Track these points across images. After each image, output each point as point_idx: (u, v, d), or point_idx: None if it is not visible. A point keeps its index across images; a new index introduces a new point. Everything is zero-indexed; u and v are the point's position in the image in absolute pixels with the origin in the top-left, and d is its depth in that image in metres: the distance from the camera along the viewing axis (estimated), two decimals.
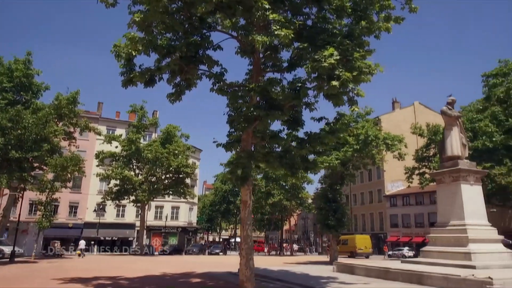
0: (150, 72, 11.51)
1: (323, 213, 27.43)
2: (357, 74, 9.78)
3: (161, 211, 55.44)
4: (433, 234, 15.90)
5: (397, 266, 14.45)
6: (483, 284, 10.44)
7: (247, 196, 11.68)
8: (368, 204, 65.34)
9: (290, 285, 12.73)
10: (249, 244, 11.37)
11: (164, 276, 16.75)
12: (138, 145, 39.03)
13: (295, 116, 13.61)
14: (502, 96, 21.67)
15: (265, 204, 47.37)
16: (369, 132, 24.81)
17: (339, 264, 17.26)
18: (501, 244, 15.06)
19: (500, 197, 37.44)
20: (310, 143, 13.16)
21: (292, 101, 11.12)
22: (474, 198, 15.14)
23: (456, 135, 15.86)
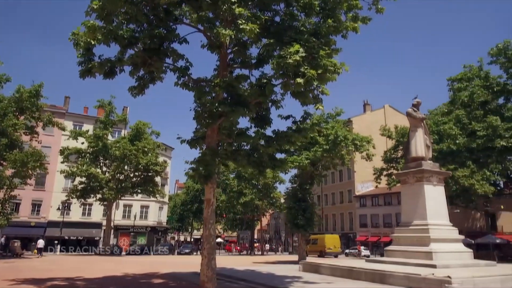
0: (110, 63, 11.01)
1: (293, 212, 27.45)
2: (322, 72, 9.69)
3: (129, 210, 54.11)
4: (397, 234, 16.13)
5: (361, 265, 14.54)
6: (442, 283, 10.60)
7: (211, 194, 11.38)
8: (339, 204, 66.33)
9: (254, 285, 12.53)
10: (211, 243, 11.08)
11: (126, 276, 16.17)
12: (106, 141, 37.80)
13: (263, 114, 13.48)
14: (466, 100, 22.35)
15: (237, 204, 47.09)
16: (339, 133, 25.03)
17: (305, 264, 17.24)
18: (461, 244, 15.47)
19: (463, 199, 38.84)
20: (278, 142, 13.05)
21: (258, 98, 10.92)
22: (437, 199, 15.46)
23: (420, 136, 16.15)
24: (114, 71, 11.34)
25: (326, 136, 25.73)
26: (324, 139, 25.79)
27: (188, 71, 11.97)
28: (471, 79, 22.05)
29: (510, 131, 19.07)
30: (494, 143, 19.14)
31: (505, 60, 21.37)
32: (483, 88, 21.89)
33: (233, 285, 13.03)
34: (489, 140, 19.44)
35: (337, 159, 27.95)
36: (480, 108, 21.51)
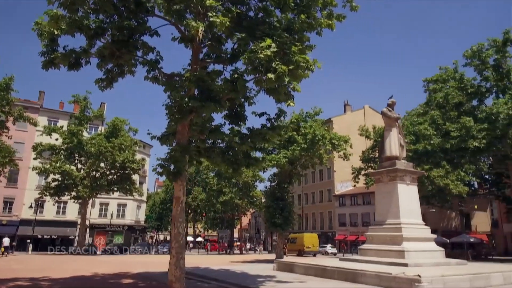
0: (75, 54, 10.54)
1: (270, 211, 27.34)
2: (294, 68, 9.50)
3: (106, 209, 52.99)
4: (370, 233, 16.17)
5: (334, 264, 14.48)
6: (412, 282, 10.59)
7: (180, 192, 11.06)
8: (319, 203, 66.76)
9: (225, 285, 12.30)
10: (180, 242, 10.77)
11: (95, 276, 15.67)
12: (81, 138, 36.77)
13: (238, 111, 13.24)
14: (441, 101, 22.67)
15: (216, 202, 46.67)
16: (317, 132, 25.04)
17: (279, 263, 17.10)
18: (433, 243, 15.61)
19: (439, 198, 39.60)
20: (252, 139, 12.86)
21: (230, 94, 10.65)
22: (410, 198, 15.55)
23: (395, 136, 16.23)
24: (80, 62, 10.87)
25: (304, 135, 25.71)
26: (302, 138, 25.77)
27: (158, 64, 11.61)
28: (446, 81, 22.39)
29: (482, 132, 19.39)
30: (467, 143, 19.44)
31: (479, 63, 21.77)
32: (457, 89, 22.25)
33: (204, 285, 12.76)
34: (462, 141, 19.75)
35: (315, 158, 27.97)
36: (454, 109, 21.87)
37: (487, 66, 21.66)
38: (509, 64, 21.42)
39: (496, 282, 12.24)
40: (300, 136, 26.14)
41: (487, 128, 19.32)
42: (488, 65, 21.69)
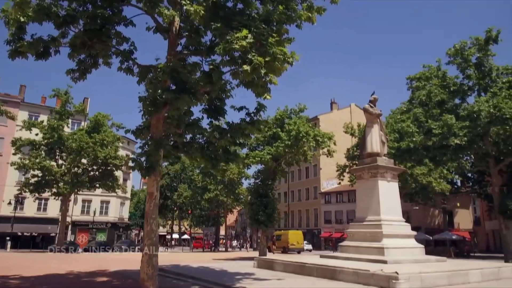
0: (43, 43, 10.07)
1: (254, 208, 27.11)
2: (271, 60, 9.23)
3: (88, 206, 52.09)
4: (351, 229, 16.08)
5: (313, 261, 14.32)
6: (390, 279, 10.49)
7: (154, 187, 10.71)
8: (305, 200, 66.93)
9: (201, 283, 12.02)
10: (153, 239, 10.43)
11: (68, 275, 15.20)
12: (61, 133, 35.89)
13: (216, 105, 12.94)
14: (424, 99, 22.71)
15: (201, 200, 46.28)
16: (301, 128, 24.87)
17: (259, 260, 16.88)
18: (413, 240, 15.58)
19: (422, 196, 40.02)
20: (232, 134, 12.60)
21: (206, 86, 10.33)
22: (391, 194, 15.49)
23: (376, 132, 16.15)
24: (48, 52, 10.40)
25: (288, 131, 25.52)
26: (286, 134, 25.58)
27: (132, 54, 11.20)
28: (429, 79, 22.43)
29: (464, 130, 19.45)
30: (448, 141, 19.48)
31: (462, 61, 21.86)
32: (440, 87, 22.31)
33: (180, 283, 12.46)
34: (444, 138, 19.79)
35: (299, 155, 27.80)
36: (437, 107, 21.92)
37: (470, 64, 21.78)
38: (491, 63, 21.58)
39: (474, 279, 12.25)
40: (284, 133, 25.96)
41: (469, 126, 19.40)
42: (471, 63, 21.80)
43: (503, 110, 17.90)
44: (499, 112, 17.98)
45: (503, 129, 17.96)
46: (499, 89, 19.75)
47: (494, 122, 18.23)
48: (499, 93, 19.26)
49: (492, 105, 18.32)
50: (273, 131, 27.05)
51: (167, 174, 69.68)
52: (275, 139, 26.49)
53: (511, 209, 20.52)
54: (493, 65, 21.56)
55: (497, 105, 18.15)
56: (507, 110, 17.88)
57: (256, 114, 12.57)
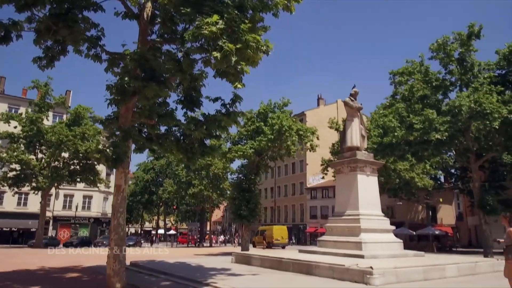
0: (3, 27, 9.51)
1: (236, 203, 26.79)
2: (243, 47, 8.86)
3: (70, 200, 51.09)
4: (330, 224, 15.89)
5: (290, 256, 14.08)
6: (364, 274, 10.30)
7: (122, 180, 10.28)
8: (291, 196, 66.90)
9: (173, 278, 11.66)
10: (120, 234, 10.03)
11: (38, 271, 14.68)
12: (40, 126, 34.95)
13: (192, 95, 12.57)
14: (407, 94, 22.62)
15: (185, 195, 45.75)
16: (284, 123, 24.58)
17: (237, 255, 16.60)
18: (392, 234, 15.46)
19: (405, 191, 40.26)
20: (207, 126, 12.23)
21: (176, 74, 9.92)
22: (370, 189, 15.32)
23: (356, 126, 15.94)
24: (9, 36, 9.83)
25: (271, 126, 25.22)
26: (269, 128, 25.27)
27: (99, 41, 10.69)
28: (412, 74, 22.31)
29: (445, 124, 19.40)
30: (429, 136, 19.41)
31: (444, 56, 21.81)
32: (422, 82, 22.24)
33: (151, 279, 12.08)
34: (425, 133, 19.72)
35: (283, 149, 27.52)
36: (419, 102, 21.85)
37: (452, 60, 21.73)
38: (473, 58, 21.57)
39: (451, 273, 12.15)
40: (267, 127, 25.65)
41: (450, 121, 19.34)
42: (453, 58, 21.75)
43: (484, 105, 17.88)
44: (480, 107, 17.95)
45: (483, 124, 17.94)
46: (480, 85, 19.73)
47: (474, 117, 18.20)
48: (480, 88, 19.25)
49: (473, 100, 18.28)
50: (256, 125, 26.73)
51: (152, 169, 68.93)
52: (258, 133, 26.19)
53: (491, 204, 20.62)
54: (475, 61, 21.55)
55: (477, 100, 18.12)
56: (488, 105, 17.86)
57: (232, 105, 12.22)
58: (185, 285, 10.43)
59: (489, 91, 18.95)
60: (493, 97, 18.39)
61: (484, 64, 22.10)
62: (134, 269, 14.78)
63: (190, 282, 10.68)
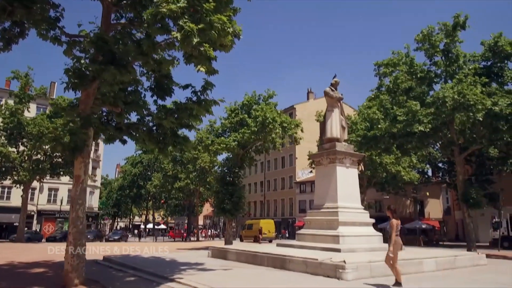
0: None
1: (220, 196, 26.29)
2: (206, 28, 8.31)
3: (55, 194, 50.17)
4: (308, 217, 15.51)
5: (265, 250, 13.68)
6: (337, 268, 9.92)
7: (81, 170, 9.71)
8: (280, 190, 66.64)
9: (141, 274, 11.16)
10: (79, 227, 9.47)
11: (4, 266, 14.07)
12: (20, 117, 34.00)
13: (162, 83, 12.02)
14: (392, 86, 22.21)
15: (172, 188, 45.12)
16: (267, 115, 24.05)
17: (213, 249, 16.15)
18: (371, 227, 15.10)
19: (393, 185, 40.10)
20: (179, 115, 11.71)
21: (137, 57, 9.32)
22: (349, 181, 14.93)
23: (336, 117, 15.50)
24: None
25: (255, 118, 24.69)
26: (253, 121, 24.75)
27: (58, 22, 10.03)
28: (397, 65, 21.87)
29: (428, 116, 19.04)
30: (412, 128, 19.04)
31: (429, 47, 21.41)
32: (407, 74, 21.83)
33: (118, 274, 11.58)
34: (408, 125, 19.34)
35: (268, 142, 27.01)
36: (404, 94, 21.46)
37: (437, 51, 21.30)
38: (458, 49, 21.20)
39: (428, 268, 11.83)
40: (251, 119, 25.12)
41: (433, 113, 18.97)
42: (438, 49, 21.32)
43: (467, 96, 17.53)
44: (463, 99, 17.59)
45: (466, 116, 17.60)
46: (464, 76, 19.38)
47: (458, 109, 17.84)
48: (464, 80, 18.89)
49: (457, 91, 17.92)
50: (240, 117, 26.19)
51: (140, 163, 68.12)
52: (242, 126, 25.65)
53: (474, 197, 20.38)
54: (460, 52, 21.16)
55: (461, 91, 17.76)
56: (471, 97, 17.50)
57: (203, 93, 11.69)
58: (150, 280, 9.94)
59: (473, 82, 18.60)
60: (477, 89, 18.03)
61: (469, 56, 21.74)
62: (105, 264, 14.28)
63: (155, 278, 10.19)
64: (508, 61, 20.44)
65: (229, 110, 27.14)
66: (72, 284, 9.11)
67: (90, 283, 9.49)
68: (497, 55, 20.43)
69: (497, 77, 20.58)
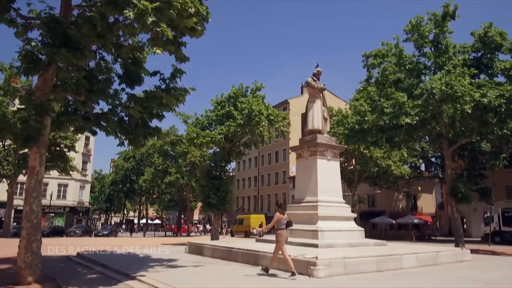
0: None
1: (205, 191, 25.67)
2: (163, 6, 7.71)
3: (45, 189, 49.31)
4: (288, 211, 14.81)
5: (240, 245, 13.16)
6: (308, 265, 9.42)
7: (36, 161, 9.11)
8: (274, 185, 66.28)
9: (104, 270, 10.65)
10: (34, 222, 8.89)
11: None
12: (5, 110, 33.18)
13: (130, 70, 11.44)
14: (381, 79, 21.64)
15: (162, 183, 44.54)
16: (253, 107, 23.43)
17: (190, 245, 15.65)
18: (353, 222, 14.63)
19: (384, 179, 39.67)
20: (148, 104, 11.16)
21: (94, 40, 8.72)
22: (331, 174, 14.41)
23: (318, 108, 14.96)
24: None
25: (241, 110, 24.09)
26: (239, 113, 24.14)
27: (12, 3, 9.38)
28: (386, 56, 21.28)
29: (416, 108, 18.50)
30: (399, 120, 18.51)
31: (418, 37, 20.82)
32: (395, 65, 21.26)
33: (83, 271, 11.04)
34: (395, 117, 18.80)
35: (256, 136, 26.38)
36: (393, 86, 20.89)
37: (426, 41, 20.70)
38: (448, 40, 20.62)
39: (408, 264, 11.35)
40: (237, 112, 24.49)
41: (421, 105, 18.43)
42: (427, 40, 20.72)
43: (455, 88, 16.98)
44: (451, 90, 17.05)
45: (453, 108, 17.06)
46: (453, 67, 18.81)
47: (445, 100, 17.30)
48: (453, 71, 18.34)
49: (444, 82, 17.37)
50: (227, 109, 25.57)
51: (133, 158, 67.43)
52: (229, 118, 25.02)
53: (463, 192, 19.92)
54: (450, 43, 20.58)
55: (449, 83, 17.20)
56: (459, 88, 16.95)
57: (171, 80, 11.11)
58: (111, 278, 9.41)
59: (462, 73, 18.05)
60: (465, 80, 17.48)
61: (459, 47, 21.16)
62: (76, 260, 13.75)
63: (117, 275, 9.66)
64: (498, 52, 19.89)
65: (215, 103, 26.50)
66: (26, 281, 8.58)
67: (45, 281, 8.96)
68: (487, 46, 19.87)
69: (486, 69, 20.04)
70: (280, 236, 9.37)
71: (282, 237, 9.37)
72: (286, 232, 9.63)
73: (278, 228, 9.49)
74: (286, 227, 9.71)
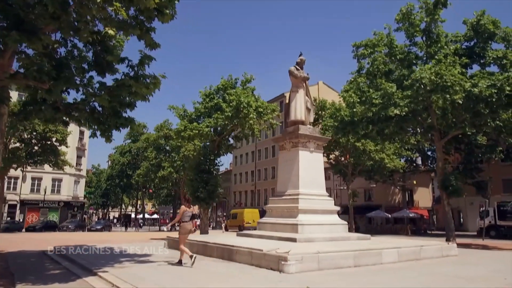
0: None
1: (194, 184, 25.25)
2: None
3: (39, 184, 49.16)
4: (270, 205, 14.56)
5: (217, 240, 12.72)
6: (279, 260, 8.97)
7: None
8: (270, 179, 65.89)
9: (71, 266, 10.22)
10: None
11: None
12: None
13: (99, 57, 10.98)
14: (372, 70, 21.05)
15: (155, 177, 44.12)
16: (242, 99, 22.87)
17: (170, 240, 15.24)
18: (336, 215, 14.17)
19: (379, 173, 39.19)
20: (117, 92, 10.73)
21: (49, 23, 8.22)
22: (313, 166, 13.95)
23: (301, 98, 14.46)
24: None
25: (229, 102, 23.56)
26: (227, 105, 23.62)
27: None
28: (376, 46, 20.67)
29: (405, 99, 17.96)
30: (387, 111, 17.98)
31: (409, 26, 20.21)
32: (386, 55, 20.68)
33: (49, 266, 10.66)
34: (384, 108, 18.27)
35: (246, 129, 25.83)
36: (384, 76, 20.32)
37: (417, 30, 20.09)
38: (439, 29, 20.02)
39: (389, 259, 10.90)
40: (225, 104, 23.96)
41: (411, 96, 17.89)
42: (418, 29, 20.11)
43: (445, 77, 16.43)
44: (441, 80, 16.50)
45: (443, 98, 16.51)
46: (444, 56, 18.24)
47: (435, 90, 16.76)
48: (444, 60, 17.77)
49: (434, 72, 16.81)
50: (215, 102, 25.04)
51: (129, 152, 67.02)
52: (217, 111, 24.49)
53: (454, 185, 19.44)
54: (441, 32, 19.97)
55: (438, 72, 16.65)
56: (449, 78, 16.40)
57: (140, 67, 10.65)
58: (73, 273, 9.00)
59: (453, 63, 17.48)
60: (455, 69, 16.91)
61: (451, 36, 20.53)
62: (49, 255, 13.35)
63: (81, 271, 9.26)
64: (491, 41, 19.28)
65: (203, 95, 25.95)
66: None
67: (1, 277, 8.53)
68: (479, 35, 19.25)
69: (479, 58, 19.43)
70: (181, 228, 10.02)
71: (183, 229, 10.00)
72: (189, 225, 10.08)
73: (182, 221, 9.99)
74: (191, 219, 10.20)
